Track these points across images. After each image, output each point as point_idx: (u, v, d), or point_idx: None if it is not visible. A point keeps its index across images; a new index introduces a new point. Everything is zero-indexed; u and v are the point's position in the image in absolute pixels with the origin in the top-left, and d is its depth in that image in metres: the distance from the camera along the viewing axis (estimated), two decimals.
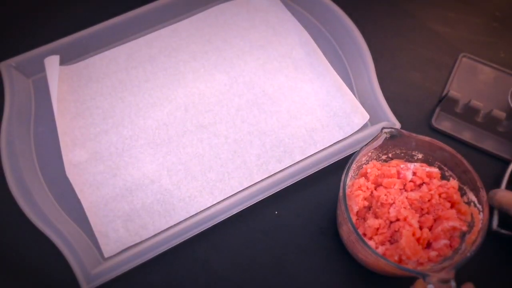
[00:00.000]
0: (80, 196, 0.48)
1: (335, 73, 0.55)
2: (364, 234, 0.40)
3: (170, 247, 0.44)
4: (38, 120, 0.53)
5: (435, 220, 0.40)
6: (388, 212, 0.39)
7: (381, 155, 0.43)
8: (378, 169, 0.42)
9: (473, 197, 0.39)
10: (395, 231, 0.39)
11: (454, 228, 0.38)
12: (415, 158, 0.42)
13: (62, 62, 0.55)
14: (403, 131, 0.40)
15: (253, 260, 0.45)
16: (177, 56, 0.57)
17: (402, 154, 0.43)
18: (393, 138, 0.40)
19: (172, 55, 0.57)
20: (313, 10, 0.60)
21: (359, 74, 0.54)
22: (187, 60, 0.57)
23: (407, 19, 0.61)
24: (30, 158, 0.50)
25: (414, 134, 0.40)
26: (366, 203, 0.40)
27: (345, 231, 0.41)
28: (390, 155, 0.43)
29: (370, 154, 0.41)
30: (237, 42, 0.58)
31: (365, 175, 0.42)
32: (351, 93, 0.53)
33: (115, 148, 0.51)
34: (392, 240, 0.39)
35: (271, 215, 0.48)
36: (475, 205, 0.38)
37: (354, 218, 0.40)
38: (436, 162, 0.41)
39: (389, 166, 0.42)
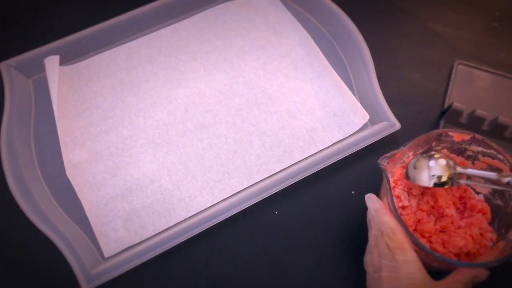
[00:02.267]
0: (80, 196, 0.48)
1: (335, 73, 0.55)
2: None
3: (170, 247, 0.44)
4: (38, 120, 0.53)
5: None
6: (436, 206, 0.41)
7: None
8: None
9: (478, 148, 0.41)
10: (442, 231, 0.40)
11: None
12: (409, 157, 0.43)
13: (62, 62, 0.55)
14: (393, 152, 0.40)
15: (253, 260, 0.45)
16: (177, 56, 0.57)
17: (398, 165, 0.43)
18: (389, 159, 0.40)
19: (172, 55, 0.57)
20: (313, 10, 0.60)
21: (359, 74, 0.54)
22: (187, 60, 0.57)
23: (407, 19, 0.61)
24: (30, 158, 0.50)
25: (400, 150, 0.40)
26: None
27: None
28: (390, 174, 0.43)
29: (385, 186, 0.41)
30: (237, 42, 0.58)
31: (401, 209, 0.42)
32: (351, 93, 0.53)
33: (115, 148, 0.51)
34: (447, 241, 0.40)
35: (271, 215, 0.48)
36: (483, 155, 0.41)
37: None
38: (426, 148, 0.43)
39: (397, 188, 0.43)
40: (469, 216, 0.41)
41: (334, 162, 0.48)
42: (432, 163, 0.38)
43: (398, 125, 0.49)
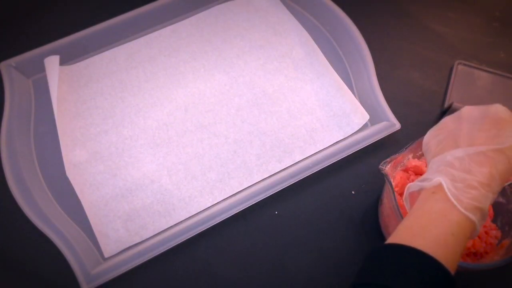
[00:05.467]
0: (80, 196, 0.48)
1: (335, 73, 0.55)
2: None
3: (170, 247, 0.44)
4: (38, 120, 0.53)
5: None
6: None
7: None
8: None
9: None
10: None
11: None
12: (409, 160, 0.43)
13: (62, 62, 0.55)
14: (392, 156, 0.40)
15: (253, 260, 0.45)
16: (177, 56, 0.57)
17: (398, 168, 0.43)
18: (389, 163, 0.40)
19: (172, 55, 0.57)
20: (313, 10, 0.60)
21: (359, 74, 0.54)
22: (187, 60, 0.57)
23: (407, 19, 0.61)
24: (30, 158, 0.50)
25: (400, 153, 0.40)
26: None
27: None
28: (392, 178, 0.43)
29: (388, 190, 0.41)
30: (237, 42, 0.58)
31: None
32: (351, 93, 0.53)
33: (115, 148, 0.51)
34: None
35: (271, 215, 0.48)
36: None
37: None
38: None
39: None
40: None
41: (334, 162, 0.48)
42: None
43: (398, 125, 0.49)
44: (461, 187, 0.30)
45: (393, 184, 0.40)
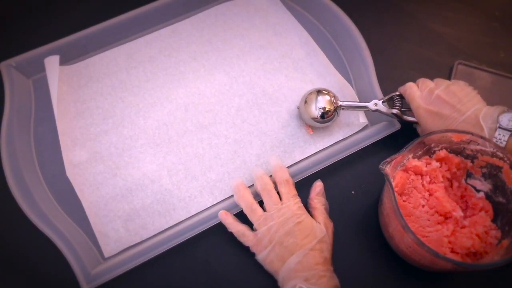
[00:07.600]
0: (80, 196, 0.48)
1: (336, 72, 0.55)
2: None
3: (170, 247, 0.44)
4: (38, 120, 0.53)
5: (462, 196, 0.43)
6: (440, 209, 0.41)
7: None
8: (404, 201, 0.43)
9: (477, 147, 0.41)
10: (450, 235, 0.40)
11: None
12: (409, 160, 0.43)
13: (62, 62, 0.55)
14: (393, 156, 0.39)
15: (253, 260, 0.45)
16: (177, 56, 0.57)
17: (398, 168, 0.43)
18: (389, 163, 0.40)
19: (172, 55, 0.57)
20: (313, 10, 0.60)
21: (359, 74, 0.54)
22: (187, 60, 0.57)
23: (407, 19, 0.61)
24: (30, 158, 0.50)
25: (400, 153, 0.40)
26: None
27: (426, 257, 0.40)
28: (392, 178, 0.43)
29: (388, 190, 0.41)
30: (237, 42, 0.58)
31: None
32: (354, 92, 0.53)
33: (115, 148, 0.51)
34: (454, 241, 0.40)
35: None
36: (482, 154, 0.41)
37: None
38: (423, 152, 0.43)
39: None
40: (472, 215, 0.41)
41: (334, 162, 0.48)
42: (319, 98, 0.48)
43: (398, 125, 0.49)
44: (315, 281, 0.39)
45: (393, 184, 0.40)
